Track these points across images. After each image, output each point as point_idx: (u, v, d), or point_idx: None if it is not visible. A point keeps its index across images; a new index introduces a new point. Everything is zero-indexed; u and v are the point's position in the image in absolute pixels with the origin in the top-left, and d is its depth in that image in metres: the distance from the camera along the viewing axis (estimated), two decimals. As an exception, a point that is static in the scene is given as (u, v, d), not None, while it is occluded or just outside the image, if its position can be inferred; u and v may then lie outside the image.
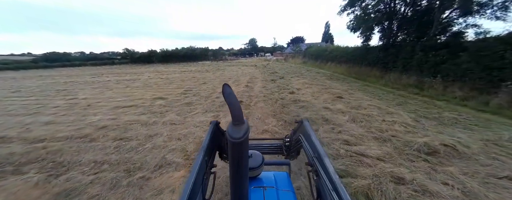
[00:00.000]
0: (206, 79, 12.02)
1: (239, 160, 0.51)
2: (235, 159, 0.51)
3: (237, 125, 0.47)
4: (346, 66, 13.27)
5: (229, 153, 0.51)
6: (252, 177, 0.96)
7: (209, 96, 7.07)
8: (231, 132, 0.46)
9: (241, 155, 0.50)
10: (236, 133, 0.46)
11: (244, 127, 0.47)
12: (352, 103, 5.37)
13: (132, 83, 11.92)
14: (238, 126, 0.47)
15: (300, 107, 5.12)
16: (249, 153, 0.93)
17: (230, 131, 0.46)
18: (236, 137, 0.45)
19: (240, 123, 0.47)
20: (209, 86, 9.29)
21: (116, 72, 21.24)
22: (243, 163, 0.52)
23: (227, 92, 0.49)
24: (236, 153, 0.50)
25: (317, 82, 9.23)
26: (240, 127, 0.47)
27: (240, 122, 0.47)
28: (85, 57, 48.18)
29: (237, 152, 0.50)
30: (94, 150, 3.21)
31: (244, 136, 0.45)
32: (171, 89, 8.81)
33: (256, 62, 27.59)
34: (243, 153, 0.50)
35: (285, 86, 8.30)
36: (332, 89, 7.31)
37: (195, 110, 5.39)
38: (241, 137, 0.45)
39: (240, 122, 0.47)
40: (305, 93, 6.84)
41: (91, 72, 23.15)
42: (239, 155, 0.50)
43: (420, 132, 3.30)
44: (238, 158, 0.51)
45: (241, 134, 0.45)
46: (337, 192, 0.56)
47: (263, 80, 10.58)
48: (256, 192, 0.87)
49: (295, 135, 1.14)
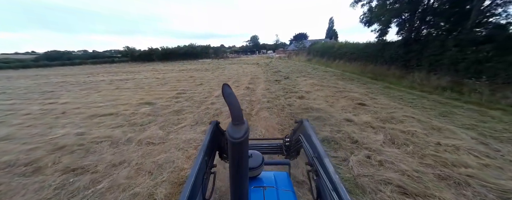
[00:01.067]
0: (203, 79, 11.00)
1: (239, 160, 0.51)
2: (235, 159, 0.51)
3: (237, 125, 0.47)
4: (357, 64, 12.06)
5: (229, 153, 0.50)
6: (252, 177, 0.96)
7: (203, 101, 6.04)
8: (231, 132, 0.46)
9: (241, 155, 0.49)
10: (236, 133, 0.45)
11: (244, 127, 0.46)
12: (380, 112, 4.26)
13: (124, 83, 11.01)
14: (238, 126, 0.46)
15: (314, 118, 4.04)
16: (249, 153, 0.93)
17: (230, 131, 0.46)
18: (236, 137, 0.45)
19: (240, 123, 0.47)
20: (205, 88, 8.26)
21: (114, 71, 20.48)
22: (243, 163, 0.52)
23: (227, 92, 0.48)
24: (236, 153, 0.49)
25: (328, 83, 8.10)
26: (240, 127, 0.46)
27: (240, 122, 0.47)
28: (86, 56, 48.00)
29: (237, 152, 0.49)
30: (24, 194, 2.21)
31: (244, 136, 0.45)
32: (163, 92, 7.83)
33: (258, 60, 26.42)
34: (243, 153, 0.49)
35: (292, 88, 7.20)
36: (348, 93, 6.19)
37: (183, 121, 4.36)
38: (241, 137, 0.45)
39: (240, 122, 0.47)
40: (316, 98, 5.75)
41: (89, 71, 22.59)
42: (239, 155, 0.50)
43: (506, 167, 2.21)
44: (238, 158, 0.50)
45: (241, 134, 0.45)
46: (337, 192, 0.55)
47: (266, 80, 9.50)
48: (256, 192, 0.87)
49: (295, 135, 1.12)
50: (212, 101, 5.89)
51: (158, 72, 17.25)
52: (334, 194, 0.56)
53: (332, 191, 0.58)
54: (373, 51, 10.76)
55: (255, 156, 0.95)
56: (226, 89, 0.48)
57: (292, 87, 7.40)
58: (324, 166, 0.67)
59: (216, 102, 5.80)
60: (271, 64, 18.82)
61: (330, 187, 0.59)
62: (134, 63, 34.11)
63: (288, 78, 9.92)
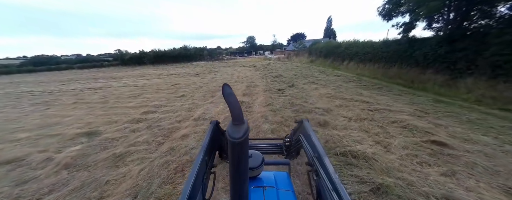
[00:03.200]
0: (189, 87, 8.95)
1: (239, 160, 0.50)
2: (235, 159, 0.50)
3: (237, 125, 0.46)
4: (374, 66, 10.09)
5: (229, 153, 0.50)
6: (252, 177, 0.95)
7: (173, 130, 3.99)
8: (231, 132, 0.45)
9: (241, 155, 0.49)
10: (236, 133, 0.44)
11: (244, 127, 0.46)
12: (482, 165, 2.26)
13: (93, 94, 9.00)
14: (238, 126, 0.46)
15: (372, 191, 2.00)
16: (249, 153, 0.91)
17: (230, 131, 0.45)
18: (236, 137, 0.44)
19: (240, 123, 0.46)
20: (185, 102, 6.20)
21: (95, 77, 18.37)
22: (243, 163, 0.51)
23: (227, 92, 0.47)
24: (236, 153, 0.48)
25: (349, 94, 6.10)
26: (240, 127, 0.46)
27: (240, 122, 0.46)
28: (74, 60, 45.81)
29: (237, 152, 0.48)
30: None
31: (244, 136, 0.44)
32: (127, 109, 5.77)
33: (256, 62, 24.39)
34: (243, 153, 0.49)
35: (303, 104, 5.16)
36: (391, 113, 4.18)
37: (111, 189, 2.30)
38: (241, 137, 0.44)
39: (240, 122, 0.46)
40: (347, 125, 3.71)
41: (71, 76, 20.60)
42: (239, 155, 0.49)
43: None
44: (238, 158, 0.50)
45: (241, 134, 0.44)
46: (337, 192, 0.55)
47: (266, 89, 7.48)
48: (256, 192, 0.86)
49: (295, 135, 1.12)
50: (187, 131, 3.81)
51: (143, 77, 15.25)
52: (334, 194, 0.55)
53: (332, 191, 0.57)
54: (396, 50, 8.78)
55: (255, 156, 0.95)
56: (226, 89, 0.47)
57: (303, 102, 5.37)
58: (324, 166, 0.66)
59: (194, 132, 3.74)
60: (269, 67, 16.82)
61: (330, 187, 0.58)
62: (124, 67, 32.03)
63: (293, 85, 7.90)
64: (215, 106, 5.50)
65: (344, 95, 5.85)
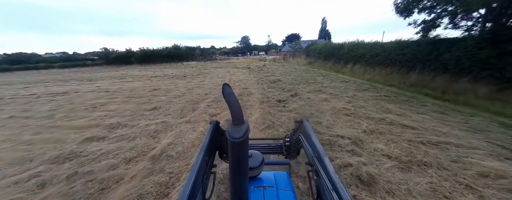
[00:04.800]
0: (168, 95, 7.30)
1: (239, 160, 0.49)
2: (235, 159, 0.50)
3: (237, 124, 0.46)
4: (385, 70, 8.77)
5: (229, 153, 0.49)
6: (252, 177, 0.95)
7: (110, 183, 2.38)
8: (231, 132, 0.45)
9: (241, 155, 0.48)
10: (236, 132, 0.44)
11: (244, 127, 0.45)
12: None
13: (44, 104, 7.23)
14: (238, 125, 0.45)
15: None
16: (249, 153, 0.91)
17: (230, 130, 0.45)
18: (236, 137, 0.44)
19: (240, 123, 0.46)
20: (153, 120, 4.57)
21: (68, 78, 16.28)
22: (243, 163, 0.51)
23: (227, 91, 0.47)
24: (236, 153, 0.48)
25: (373, 110, 4.67)
26: (240, 127, 0.45)
27: (240, 122, 0.46)
28: (55, 59, 42.83)
29: (237, 152, 0.48)
30: None
31: (244, 136, 0.44)
32: (66, 132, 4.11)
33: (250, 63, 22.83)
34: (243, 153, 0.48)
35: (316, 127, 3.67)
36: (455, 149, 2.75)
37: None
38: (241, 137, 0.44)
39: (240, 122, 0.46)
40: (407, 181, 2.25)
41: (41, 78, 18.35)
42: (239, 155, 0.48)
43: None
44: (238, 158, 0.49)
45: (241, 134, 0.44)
46: (337, 192, 0.54)
47: (263, 99, 5.96)
48: (256, 191, 0.86)
49: (295, 135, 1.09)
50: (128, 191, 2.22)
51: (122, 79, 13.42)
52: (334, 194, 0.55)
53: (332, 191, 0.56)
54: (414, 52, 7.47)
55: (255, 156, 0.95)
56: (226, 89, 0.47)
57: (315, 123, 3.86)
58: (324, 166, 0.66)
59: (144, 193, 2.16)
60: (265, 69, 15.33)
61: (330, 187, 0.57)
62: (109, 66, 29.74)
63: (296, 94, 6.42)
64: (192, 129, 3.90)
65: (368, 112, 4.40)
